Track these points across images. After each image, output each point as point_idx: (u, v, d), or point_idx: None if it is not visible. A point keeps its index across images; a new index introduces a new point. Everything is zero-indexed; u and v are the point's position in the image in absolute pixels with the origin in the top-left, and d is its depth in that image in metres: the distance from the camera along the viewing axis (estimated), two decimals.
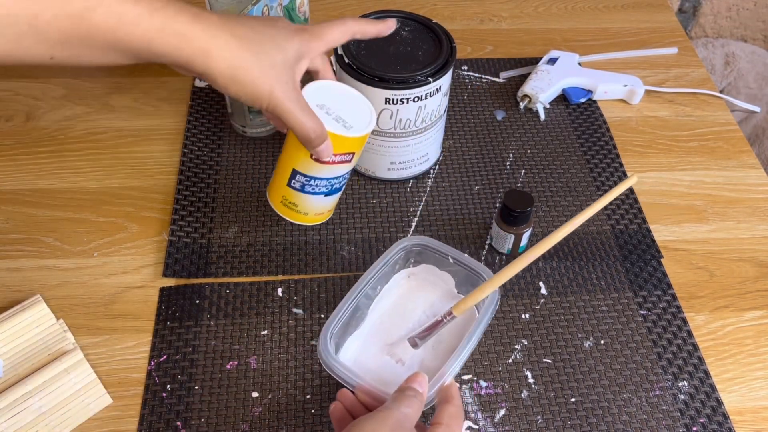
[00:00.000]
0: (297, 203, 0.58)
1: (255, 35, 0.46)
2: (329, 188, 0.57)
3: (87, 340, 0.58)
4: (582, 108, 0.80)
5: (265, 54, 0.46)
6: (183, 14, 0.43)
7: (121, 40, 0.41)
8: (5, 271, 0.62)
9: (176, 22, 0.42)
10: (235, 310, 0.60)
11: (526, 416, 0.54)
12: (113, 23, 0.40)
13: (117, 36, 0.41)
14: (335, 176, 0.56)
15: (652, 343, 0.59)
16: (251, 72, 0.46)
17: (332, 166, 0.55)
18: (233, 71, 0.45)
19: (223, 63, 0.44)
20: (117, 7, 0.40)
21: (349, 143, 0.53)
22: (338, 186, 0.58)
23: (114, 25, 0.40)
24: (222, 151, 0.73)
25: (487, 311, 0.53)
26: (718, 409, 0.55)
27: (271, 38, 0.47)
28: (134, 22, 0.41)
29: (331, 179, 0.56)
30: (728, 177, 0.73)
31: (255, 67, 0.46)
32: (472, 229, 0.67)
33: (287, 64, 0.48)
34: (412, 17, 0.66)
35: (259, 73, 0.46)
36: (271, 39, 0.47)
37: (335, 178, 0.56)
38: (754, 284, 0.64)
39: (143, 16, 0.41)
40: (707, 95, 0.83)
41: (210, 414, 0.53)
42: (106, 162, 0.72)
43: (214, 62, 0.44)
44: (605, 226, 0.67)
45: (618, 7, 0.95)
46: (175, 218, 0.66)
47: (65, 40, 0.40)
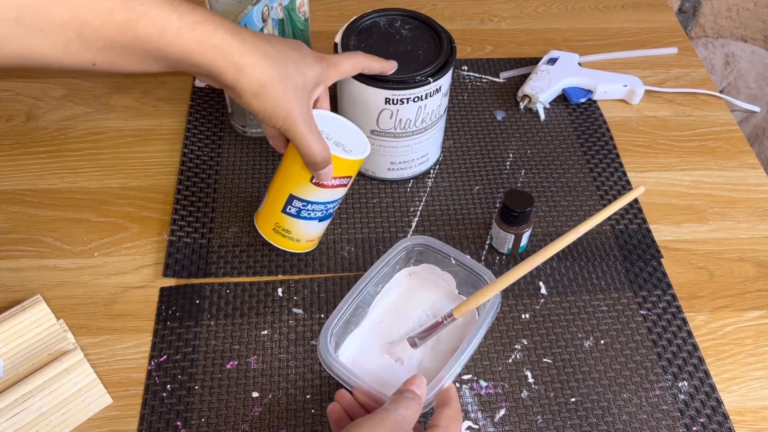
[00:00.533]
0: (291, 230, 0.59)
1: (281, 58, 0.49)
2: (324, 213, 0.59)
3: (87, 340, 0.58)
4: (582, 108, 0.80)
5: (289, 77, 0.49)
6: (222, 30, 0.45)
7: (161, 50, 0.43)
8: (5, 271, 0.62)
9: (215, 36, 0.45)
10: (235, 310, 0.60)
11: (526, 416, 0.54)
12: (156, 34, 0.42)
13: (158, 46, 0.43)
14: (332, 200, 0.58)
15: (652, 343, 0.59)
16: (275, 92, 0.48)
17: (331, 190, 0.57)
18: (260, 89, 0.48)
19: (252, 80, 0.47)
20: (161, 18, 0.42)
21: (349, 166, 0.56)
22: (331, 211, 0.60)
23: (156, 36, 0.43)
24: (222, 151, 0.73)
25: (488, 315, 0.53)
26: (718, 409, 0.55)
27: (294, 63, 0.50)
28: (176, 33, 0.43)
29: (327, 204, 0.58)
30: (728, 177, 0.73)
31: (279, 88, 0.48)
32: (472, 229, 0.67)
33: (306, 88, 0.51)
34: (411, 15, 0.66)
35: (282, 94, 0.49)
36: (295, 63, 0.50)
37: (330, 203, 0.59)
38: (754, 284, 0.64)
39: (185, 29, 0.43)
40: (707, 95, 0.83)
41: (210, 414, 0.53)
42: (106, 162, 0.72)
43: (244, 78, 0.47)
44: (605, 226, 0.67)
45: (618, 7, 0.95)
46: (175, 218, 0.66)
47: (109, 47, 0.42)
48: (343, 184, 0.57)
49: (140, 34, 0.42)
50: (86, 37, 0.40)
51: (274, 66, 0.48)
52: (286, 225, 0.59)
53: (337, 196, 0.58)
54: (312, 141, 0.51)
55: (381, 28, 0.65)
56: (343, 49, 0.62)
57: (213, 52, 0.45)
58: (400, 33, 0.65)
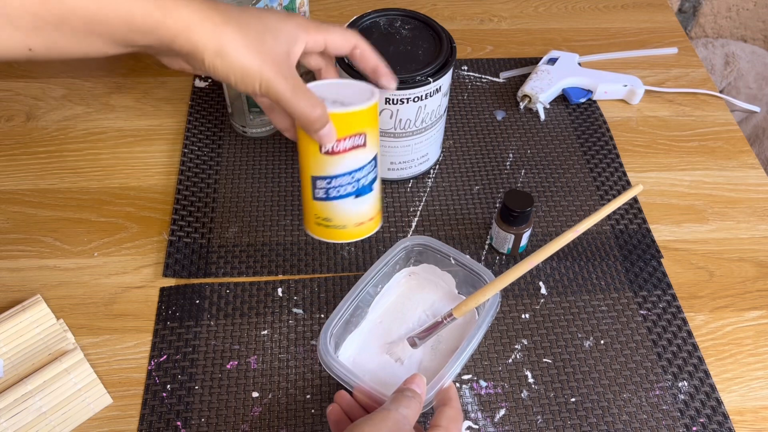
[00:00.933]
0: (330, 217, 0.53)
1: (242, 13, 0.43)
2: (356, 186, 0.51)
3: (87, 340, 0.58)
4: (582, 108, 0.80)
5: (254, 32, 0.43)
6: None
7: (99, 22, 0.38)
8: (5, 271, 0.62)
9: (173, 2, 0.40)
10: (236, 310, 0.60)
11: (526, 416, 0.54)
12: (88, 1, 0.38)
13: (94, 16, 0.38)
14: (355, 169, 0.51)
15: (652, 343, 0.59)
16: (239, 48, 0.42)
17: (345, 155, 0.50)
18: (219, 47, 0.41)
19: (207, 37, 0.41)
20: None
21: (352, 120, 0.48)
22: (366, 182, 0.52)
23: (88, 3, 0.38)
24: (222, 151, 0.73)
25: (487, 314, 0.53)
26: (718, 409, 0.55)
27: (259, 19, 0.44)
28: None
29: (353, 173, 0.51)
30: (728, 177, 0.73)
31: (242, 44, 0.42)
32: (472, 229, 0.67)
33: (279, 43, 0.45)
34: (411, 15, 0.66)
35: (247, 51, 0.43)
36: (260, 19, 0.44)
37: (357, 171, 0.51)
38: (754, 284, 0.64)
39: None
40: (707, 95, 0.83)
41: (210, 414, 0.53)
42: (106, 162, 0.72)
43: (197, 36, 0.41)
44: (605, 226, 0.67)
45: (618, 7, 0.95)
46: (175, 218, 0.66)
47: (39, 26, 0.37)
48: (358, 145, 0.49)
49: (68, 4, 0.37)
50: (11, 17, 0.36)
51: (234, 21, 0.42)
52: (324, 213, 0.53)
53: (360, 162, 0.51)
54: (299, 98, 0.45)
55: (381, 28, 0.65)
56: None
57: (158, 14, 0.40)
58: (400, 33, 0.65)
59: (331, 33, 0.48)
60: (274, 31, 0.44)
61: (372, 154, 0.51)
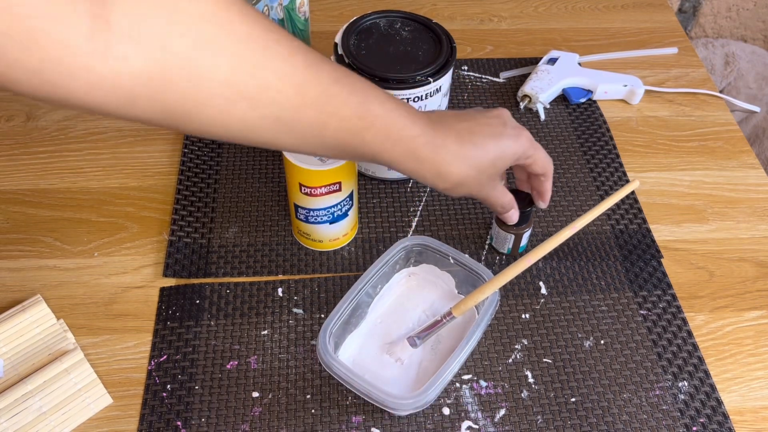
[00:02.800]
0: (309, 233, 0.62)
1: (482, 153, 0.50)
2: (331, 217, 0.60)
3: (87, 340, 0.58)
4: (582, 108, 0.80)
5: (485, 169, 0.51)
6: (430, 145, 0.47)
7: (376, 156, 0.46)
8: (5, 271, 0.62)
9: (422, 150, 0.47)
10: (236, 310, 0.60)
11: (526, 416, 0.54)
12: (378, 144, 0.45)
13: (374, 152, 0.46)
14: (330, 206, 0.59)
15: (652, 343, 0.59)
16: (470, 185, 0.51)
17: (322, 198, 0.58)
18: (454, 186, 0.50)
19: (448, 183, 0.50)
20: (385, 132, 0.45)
21: (330, 174, 0.56)
22: (341, 213, 0.61)
23: (378, 146, 0.45)
24: (222, 151, 0.73)
25: (486, 312, 0.53)
26: (718, 409, 0.55)
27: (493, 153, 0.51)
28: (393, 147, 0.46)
29: (328, 209, 0.59)
30: (728, 177, 0.73)
31: (474, 181, 0.51)
32: (472, 229, 0.67)
33: (502, 168, 0.52)
34: (412, 17, 0.66)
35: (477, 184, 0.51)
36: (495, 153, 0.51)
37: (332, 207, 0.59)
38: (754, 284, 0.64)
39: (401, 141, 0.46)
40: (707, 95, 0.83)
41: (210, 414, 0.53)
42: (106, 162, 0.72)
43: (441, 182, 0.49)
44: (605, 226, 0.67)
45: (618, 7, 0.95)
46: (176, 218, 0.66)
47: (336, 146, 0.45)
48: (333, 191, 0.58)
49: (365, 141, 0.45)
50: (322, 137, 0.43)
51: (475, 167, 0.50)
52: (304, 229, 0.62)
53: (335, 201, 0.59)
54: (497, 199, 0.55)
55: (381, 28, 0.65)
56: (343, 50, 0.62)
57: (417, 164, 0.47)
58: (400, 34, 0.65)
59: (540, 156, 0.55)
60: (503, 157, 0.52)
61: (347, 194, 0.60)
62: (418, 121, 0.47)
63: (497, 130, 0.51)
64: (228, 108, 0.39)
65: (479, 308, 0.56)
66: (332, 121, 0.43)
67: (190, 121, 0.39)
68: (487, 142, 0.50)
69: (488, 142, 0.50)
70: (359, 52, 0.62)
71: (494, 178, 0.52)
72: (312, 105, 0.41)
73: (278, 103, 0.40)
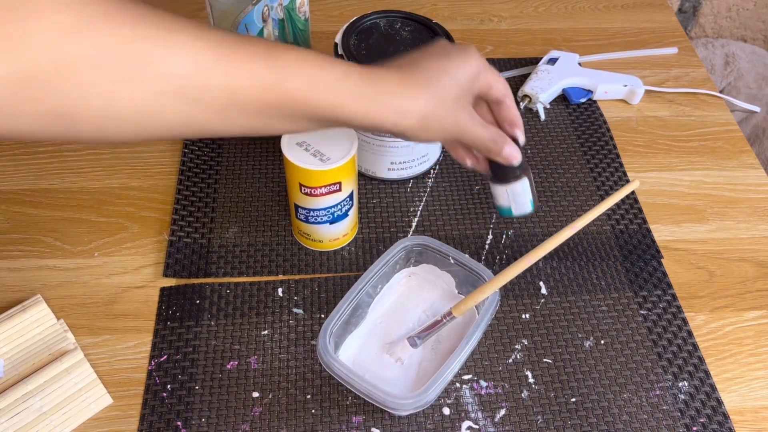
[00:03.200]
0: (309, 233, 0.62)
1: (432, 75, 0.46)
2: (331, 217, 0.60)
3: (87, 340, 0.58)
4: (582, 108, 0.80)
5: (446, 91, 0.47)
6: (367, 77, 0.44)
7: (312, 107, 0.42)
8: (6, 271, 0.62)
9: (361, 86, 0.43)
10: (236, 310, 0.60)
11: (526, 416, 0.54)
12: (306, 91, 0.41)
13: (309, 104, 0.42)
14: (331, 206, 0.59)
15: (652, 343, 0.59)
16: (438, 116, 0.47)
17: (322, 198, 0.58)
18: (423, 122, 0.46)
19: (412, 118, 0.45)
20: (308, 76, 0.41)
21: (330, 174, 0.56)
22: (341, 213, 0.60)
23: (307, 93, 0.42)
24: (222, 151, 0.73)
25: (486, 312, 0.53)
26: (718, 409, 0.55)
27: (446, 71, 0.47)
28: (325, 89, 0.42)
29: (329, 209, 0.59)
30: (728, 177, 0.73)
31: (440, 110, 0.46)
32: (472, 229, 0.67)
33: (464, 90, 0.48)
34: (412, 17, 0.66)
35: (444, 113, 0.47)
36: (446, 72, 0.47)
37: (332, 207, 0.59)
38: (754, 284, 0.64)
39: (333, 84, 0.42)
40: (707, 95, 0.83)
41: (210, 414, 0.53)
42: (106, 162, 0.72)
43: (403, 120, 0.45)
44: (605, 226, 0.67)
45: (618, 7, 0.95)
46: (176, 218, 0.66)
47: (262, 110, 0.41)
48: (333, 191, 0.57)
49: (290, 93, 0.41)
50: (240, 102, 0.40)
51: (429, 90, 0.46)
52: (304, 229, 0.62)
53: (335, 201, 0.58)
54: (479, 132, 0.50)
55: (381, 29, 0.65)
56: (343, 49, 0.62)
57: (364, 104, 0.44)
58: (400, 34, 0.65)
59: (497, 77, 0.51)
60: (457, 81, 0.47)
61: (347, 194, 0.59)
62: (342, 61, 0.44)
63: (441, 51, 0.48)
64: (113, 94, 0.36)
65: (479, 308, 0.56)
66: (243, 80, 0.39)
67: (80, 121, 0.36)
68: (433, 64, 0.47)
69: (435, 64, 0.47)
70: (359, 53, 0.62)
71: (463, 105, 0.48)
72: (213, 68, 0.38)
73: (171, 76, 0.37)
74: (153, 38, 0.36)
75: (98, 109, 0.36)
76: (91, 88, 0.35)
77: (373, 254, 0.64)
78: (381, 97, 0.44)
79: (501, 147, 0.52)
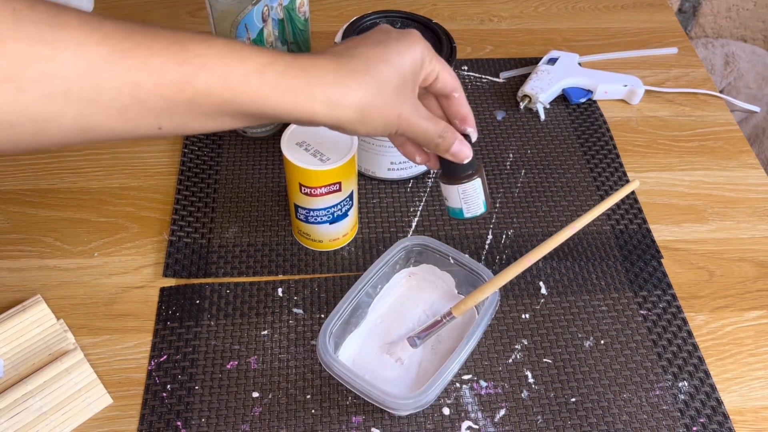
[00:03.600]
0: (308, 233, 0.62)
1: (369, 63, 0.42)
2: (331, 217, 0.60)
3: (87, 340, 0.58)
4: (582, 108, 0.80)
5: (387, 81, 0.43)
6: (294, 67, 0.40)
7: (229, 103, 0.38)
8: (5, 271, 0.62)
9: (289, 76, 0.39)
10: (236, 310, 0.60)
11: (526, 416, 0.54)
12: (219, 86, 0.38)
13: (224, 98, 0.38)
14: (330, 206, 0.59)
15: (652, 343, 0.59)
16: (377, 108, 0.42)
17: (322, 198, 0.58)
18: (360, 114, 0.42)
19: (348, 110, 0.41)
20: (221, 68, 0.37)
21: (330, 174, 0.56)
22: (341, 213, 0.60)
23: (220, 88, 0.38)
24: (222, 151, 0.73)
25: (486, 312, 0.53)
26: (718, 409, 0.55)
27: (385, 60, 0.43)
28: (242, 82, 0.38)
29: (328, 209, 0.59)
30: (728, 177, 0.73)
31: (379, 101, 0.42)
32: (472, 229, 0.67)
33: (406, 79, 0.44)
34: (412, 17, 0.66)
35: (384, 104, 0.43)
36: (386, 61, 0.43)
37: (332, 207, 0.59)
38: (754, 284, 0.64)
39: (252, 75, 0.38)
40: (707, 95, 0.83)
41: (210, 414, 0.53)
42: (106, 162, 0.72)
43: (338, 111, 0.41)
44: (605, 226, 0.67)
45: (618, 7, 0.95)
46: (176, 218, 0.66)
47: (171, 107, 0.37)
48: (333, 191, 0.57)
49: (201, 88, 0.37)
50: (143, 101, 0.36)
51: (366, 80, 0.42)
52: (304, 229, 0.62)
53: (335, 201, 0.58)
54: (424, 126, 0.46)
55: None
56: None
57: (291, 95, 0.39)
58: None
59: (445, 67, 0.47)
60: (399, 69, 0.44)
61: (347, 194, 0.59)
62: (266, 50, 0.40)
63: (381, 37, 0.44)
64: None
65: (479, 308, 0.56)
66: (145, 76, 0.35)
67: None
68: (371, 51, 0.43)
69: (373, 51, 0.43)
70: None
71: (406, 96, 0.44)
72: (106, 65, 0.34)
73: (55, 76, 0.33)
74: (32, 36, 0.33)
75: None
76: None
77: (373, 254, 0.64)
78: (311, 87, 0.40)
79: (450, 143, 0.48)
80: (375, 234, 0.66)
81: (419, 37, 0.45)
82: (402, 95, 0.44)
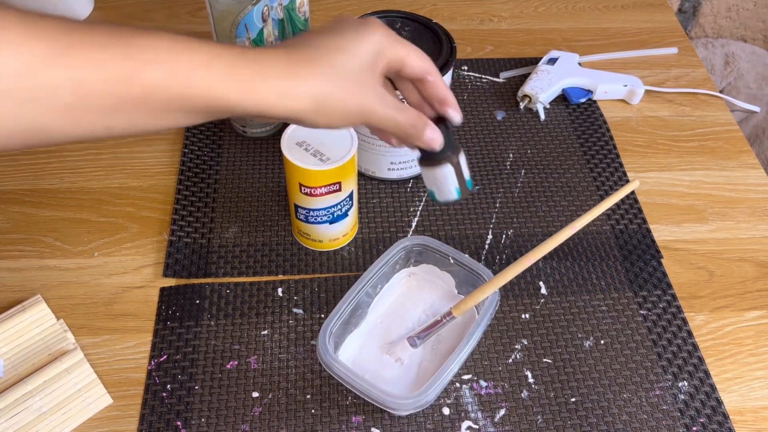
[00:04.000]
0: (308, 233, 0.62)
1: (324, 53, 0.41)
2: (331, 217, 0.60)
3: (87, 340, 0.58)
4: (582, 108, 0.80)
5: (343, 68, 0.41)
6: (244, 58, 0.39)
7: (179, 98, 0.37)
8: (5, 271, 0.62)
9: (237, 68, 0.38)
10: (236, 310, 0.60)
11: (526, 416, 0.54)
12: (167, 80, 0.36)
13: (173, 93, 0.37)
14: (330, 206, 0.59)
15: (652, 343, 0.59)
16: (337, 98, 0.41)
17: (322, 198, 0.58)
18: (318, 105, 0.40)
19: (302, 100, 0.40)
20: (168, 62, 0.36)
21: (330, 174, 0.56)
22: (341, 213, 0.60)
23: (168, 82, 0.36)
24: (222, 151, 0.73)
25: (486, 312, 0.53)
26: (718, 409, 0.55)
27: (340, 49, 0.42)
28: (189, 75, 0.37)
29: (328, 209, 0.59)
30: (728, 177, 0.73)
31: (338, 92, 0.41)
32: (472, 229, 0.67)
33: (365, 68, 0.42)
34: (412, 17, 0.66)
35: (344, 95, 0.41)
36: (340, 49, 0.42)
37: (332, 207, 0.59)
38: (754, 284, 0.64)
39: (200, 68, 0.37)
40: (707, 95, 0.83)
41: (210, 414, 0.53)
42: (106, 162, 0.72)
43: (292, 102, 0.40)
44: (605, 226, 0.67)
45: (618, 7, 0.95)
46: (176, 218, 0.66)
47: (119, 105, 0.36)
48: (333, 191, 0.57)
49: (148, 83, 0.36)
50: (87, 98, 0.35)
51: (320, 69, 0.40)
52: (303, 229, 0.62)
53: (335, 200, 0.59)
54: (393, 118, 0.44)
55: None
56: None
57: (242, 87, 0.38)
58: (400, 34, 0.65)
59: (411, 51, 0.45)
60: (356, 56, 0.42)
61: (347, 194, 0.59)
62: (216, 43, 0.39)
63: (336, 27, 0.43)
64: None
65: (479, 308, 0.56)
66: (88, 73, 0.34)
67: None
68: (325, 41, 0.42)
69: (327, 41, 0.42)
70: None
71: (369, 85, 0.42)
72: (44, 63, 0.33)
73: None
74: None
75: None
76: None
77: (373, 254, 0.64)
78: (262, 79, 0.39)
79: (421, 132, 0.46)
80: (375, 234, 0.66)
81: (379, 25, 0.44)
82: (362, 85, 0.42)
